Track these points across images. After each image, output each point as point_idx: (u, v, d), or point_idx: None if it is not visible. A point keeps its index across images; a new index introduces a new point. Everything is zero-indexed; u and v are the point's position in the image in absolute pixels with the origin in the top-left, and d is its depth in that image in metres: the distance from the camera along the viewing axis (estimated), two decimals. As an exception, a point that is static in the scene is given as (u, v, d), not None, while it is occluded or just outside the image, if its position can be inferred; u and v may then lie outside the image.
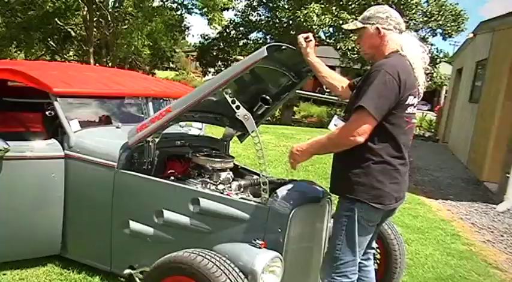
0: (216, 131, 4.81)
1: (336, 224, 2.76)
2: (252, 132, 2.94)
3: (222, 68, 27.25)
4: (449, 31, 23.46)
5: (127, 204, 3.42)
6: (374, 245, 3.12)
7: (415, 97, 2.63)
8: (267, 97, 3.45)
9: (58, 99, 3.76)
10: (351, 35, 20.47)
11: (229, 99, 2.93)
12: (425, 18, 23.38)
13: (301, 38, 3.01)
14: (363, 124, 2.48)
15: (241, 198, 3.09)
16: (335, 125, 2.94)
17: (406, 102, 2.57)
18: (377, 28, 2.68)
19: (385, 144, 2.58)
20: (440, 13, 23.07)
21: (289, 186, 3.10)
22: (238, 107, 2.93)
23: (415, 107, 2.67)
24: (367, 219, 2.67)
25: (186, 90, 4.98)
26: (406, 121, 2.62)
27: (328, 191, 2.89)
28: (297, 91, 4.87)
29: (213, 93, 2.99)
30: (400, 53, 2.64)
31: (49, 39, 26.57)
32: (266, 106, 3.53)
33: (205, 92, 3.00)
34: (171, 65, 50.33)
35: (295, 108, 28.24)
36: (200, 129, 4.68)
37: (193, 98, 3.07)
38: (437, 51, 24.82)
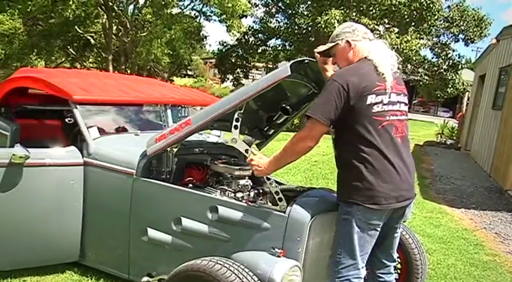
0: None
1: (336, 228, 2.82)
2: (246, 151, 3.00)
3: (241, 75, 27.39)
4: (472, 36, 23.23)
5: (145, 212, 3.44)
6: (395, 256, 3.08)
7: (378, 95, 2.69)
8: (287, 107, 3.46)
9: (78, 106, 3.81)
10: None
11: (235, 117, 2.97)
12: (447, 24, 23.19)
13: (317, 52, 3.05)
14: (311, 130, 2.68)
15: (260, 206, 3.09)
16: None
17: (367, 103, 2.66)
18: (347, 41, 2.86)
19: (366, 148, 2.67)
20: (463, 18, 22.87)
21: (309, 194, 3.10)
22: (236, 127, 2.98)
23: (386, 104, 2.72)
24: (365, 221, 2.70)
25: (205, 98, 5.01)
26: (375, 120, 2.68)
27: None
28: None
29: (233, 109, 3.02)
30: (367, 58, 2.78)
31: (69, 47, 26.99)
32: (286, 116, 3.53)
33: (226, 108, 3.02)
34: (189, 72, 50.69)
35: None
36: (218, 136, 4.70)
37: (213, 112, 3.09)
38: (459, 57, 24.54)
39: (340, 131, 2.75)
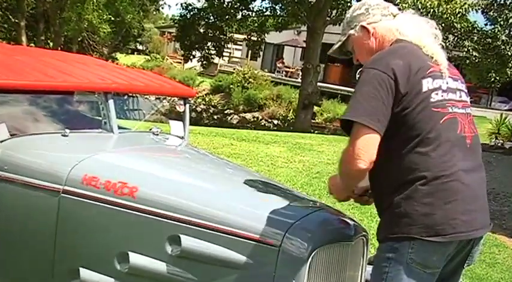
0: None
1: (374, 271, 2.78)
2: None
3: (212, 51, 27.29)
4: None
5: (77, 244, 3.44)
6: None
7: (435, 79, 2.72)
8: None
9: (-22, 94, 3.81)
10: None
11: None
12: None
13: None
14: (357, 144, 2.61)
15: (240, 235, 3.11)
16: None
17: (424, 89, 2.66)
18: (362, 27, 2.90)
19: (422, 155, 2.63)
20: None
21: (308, 218, 3.13)
22: None
23: (445, 91, 2.74)
24: (420, 262, 2.63)
25: (161, 83, 5.02)
26: (435, 113, 2.67)
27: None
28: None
29: None
30: (399, 39, 2.82)
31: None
32: None
33: (171, 215, 3.15)
34: (140, 46, 50.58)
35: (316, 108, 28.17)
36: (182, 138, 4.71)
37: (164, 208, 3.19)
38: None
39: (384, 136, 2.67)
